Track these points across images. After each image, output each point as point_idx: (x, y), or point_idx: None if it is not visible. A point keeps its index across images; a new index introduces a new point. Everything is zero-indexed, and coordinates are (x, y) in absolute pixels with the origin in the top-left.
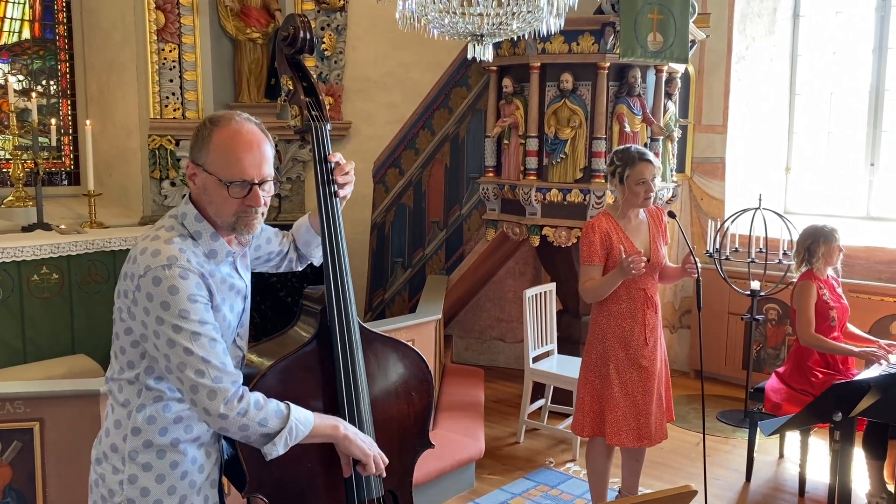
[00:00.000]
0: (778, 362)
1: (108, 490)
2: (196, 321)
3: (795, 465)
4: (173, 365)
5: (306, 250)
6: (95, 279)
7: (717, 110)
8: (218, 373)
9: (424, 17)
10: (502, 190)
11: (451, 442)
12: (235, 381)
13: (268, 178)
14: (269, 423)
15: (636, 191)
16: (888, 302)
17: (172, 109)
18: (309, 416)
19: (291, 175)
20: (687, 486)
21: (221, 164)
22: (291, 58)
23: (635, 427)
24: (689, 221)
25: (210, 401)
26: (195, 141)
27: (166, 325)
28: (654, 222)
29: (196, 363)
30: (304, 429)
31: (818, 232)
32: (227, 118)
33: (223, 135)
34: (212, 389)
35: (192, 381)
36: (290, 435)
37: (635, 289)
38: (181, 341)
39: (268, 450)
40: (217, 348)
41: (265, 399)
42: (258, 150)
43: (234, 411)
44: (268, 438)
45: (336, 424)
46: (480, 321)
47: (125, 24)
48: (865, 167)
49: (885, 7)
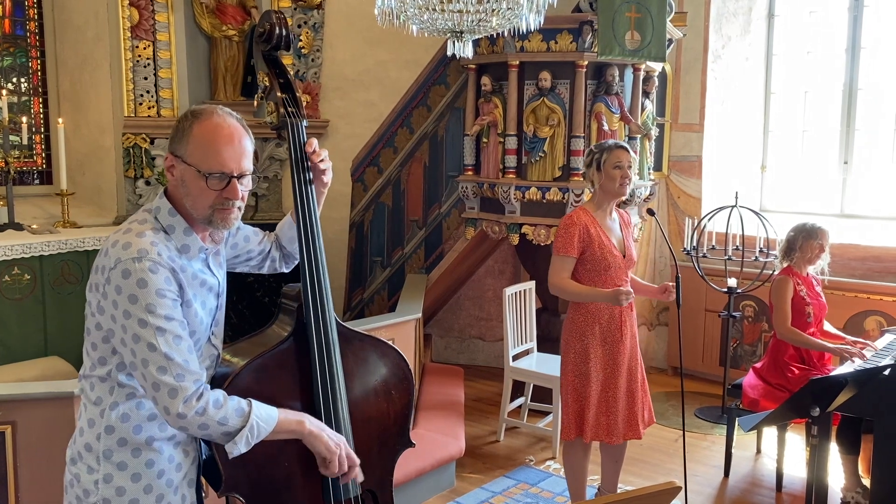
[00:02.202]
0: (754, 359)
1: (83, 490)
2: (162, 316)
3: (773, 460)
4: (137, 360)
5: (291, 248)
6: (69, 280)
7: (693, 109)
8: (180, 370)
9: (403, 13)
10: (481, 188)
11: (431, 441)
12: (197, 380)
13: (247, 172)
14: (230, 422)
15: (613, 175)
16: (862, 298)
17: (147, 107)
18: (273, 413)
19: (269, 174)
20: (671, 482)
21: (201, 156)
22: (268, 54)
23: (605, 423)
24: (666, 219)
25: (171, 399)
26: (175, 132)
27: (132, 319)
28: (623, 223)
29: (159, 359)
30: (267, 426)
31: (802, 228)
32: (209, 111)
33: (204, 127)
34: (173, 388)
35: (154, 377)
36: (251, 433)
37: (611, 286)
38: (146, 336)
39: (229, 448)
40: (182, 345)
41: (225, 397)
42: (238, 143)
43: (192, 410)
44: (229, 437)
45: (302, 420)
46: (460, 320)
47: (98, 20)
48: (839, 165)
49: (858, 7)
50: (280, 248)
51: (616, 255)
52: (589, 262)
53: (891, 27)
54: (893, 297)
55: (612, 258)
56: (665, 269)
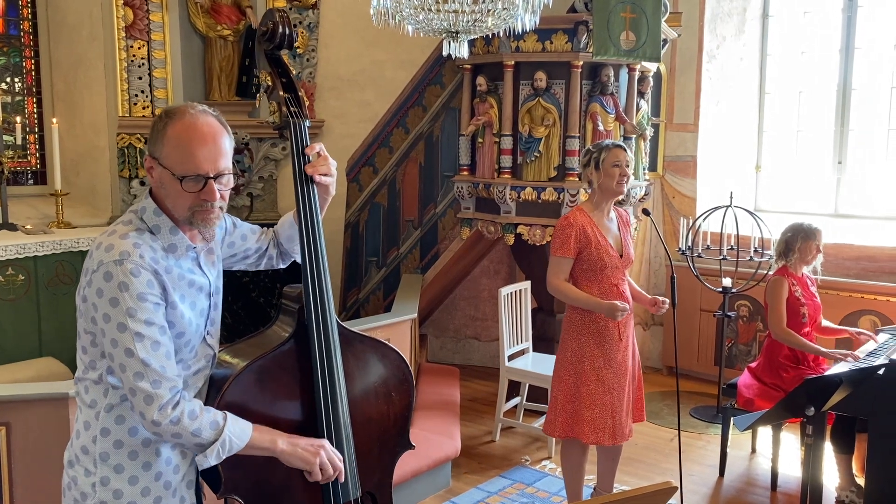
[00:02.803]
0: (749, 358)
1: (80, 493)
2: (142, 321)
3: (767, 459)
4: (116, 364)
5: (289, 246)
6: (63, 280)
7: (688, 109)
8: (157, 377)
9: (399, 13)
10: (477, 188)
11: (426, 441)
12: (174, 388)
13: (224, 171)
14: (203, 434)
15: (611, 173)
16: (856, 298)
17: (142, 107)
18: (247, 429)
19: (263, 174)
20: (667, 482)
21: (175, 159)
22: (270, 53)
23: (611, 425)
24: (661, 219)
25: (146, 405)
26: (152, 134)
27: (112, 323)
28: (622, 223)
29: (136, 365)
30: (240, 442)
31: (799, 228)
32: (182, 111)
33: (177, 128)
34: (148, 394)
35: (131, 383)
36: (222, 448)
37: (608, 285)
38: (124, 341)
39: (199, 460)
40: (160, 351)
41: (202, 408)
42: (213, 143)
43: (167, 419)
44: (202, 448)
45: (274, 438)
46: (455, 320)
47: (92, 20)
48: (833, 165)
49: (852, 8)
50: (278, 245)
51: (612, 255)
52: (585, 262)
53: (884, 28)
54: (887, 297)
55: (609, 258)
56: (660, 269)
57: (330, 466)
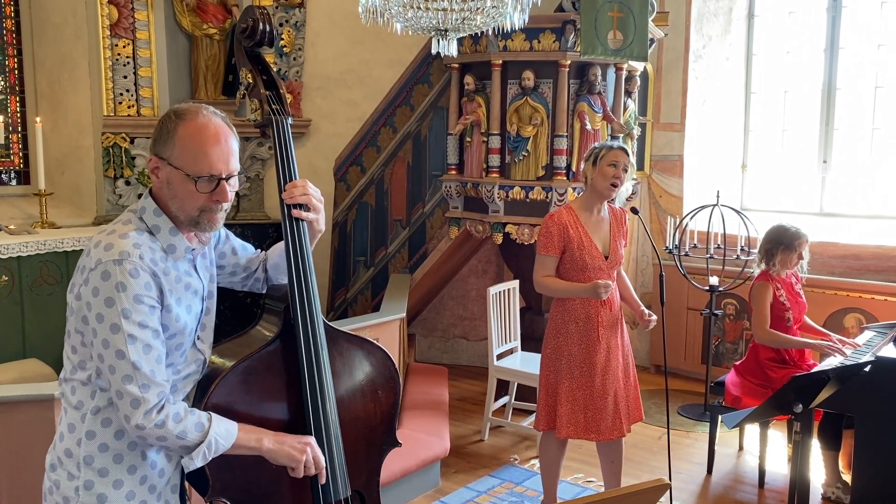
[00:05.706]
0: (736, 356)
1: (62, 497)
2: (136, 323)
3: (755, 457)
4: (105, 366)
5: (274, 273)
6: (47, 281)
7: (675, 108)
8: (146, 381)
9: (387, 10)
10: (465, 188)
11: (415, 441)
12: (161, 392)
13: (235, 172)
14: (188, 436)
15: (605, 171)
16: (841, 296)
17: (127, 106)
18: (232, 429)
19: (250, 173)
20: (660, 479)
21: (188, 159)
22: (251, 50)
23: (583, 420)
24: (648, 218)
25: (132, 409)
26: (159, 134)
27: (105, 323)
28: (615, 222)
29: (126, 368)
30: (226, 443)
31: (780, 237)
32: (194, 111)
33: (190, 128)
34: (136, 398)
35: (119, 386)
36: (208, 449)
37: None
38: (116, 343)
39: (185, 462)
40: (151, 355)
41: (186, 411)
42: (226, 144)
43: (152, 423)
44: (187, 450)
45: (260, 437)
46: (443, 319)
47: (77, 18)
48: (819, 164)
49: (836, 8)
50: (266, 270)
51: (596, 256)
52: (568, 261)
53: (868, 28)
54: (872, 295)
55: (591, 259)
56: (648, 268)
57: (314, 465)
